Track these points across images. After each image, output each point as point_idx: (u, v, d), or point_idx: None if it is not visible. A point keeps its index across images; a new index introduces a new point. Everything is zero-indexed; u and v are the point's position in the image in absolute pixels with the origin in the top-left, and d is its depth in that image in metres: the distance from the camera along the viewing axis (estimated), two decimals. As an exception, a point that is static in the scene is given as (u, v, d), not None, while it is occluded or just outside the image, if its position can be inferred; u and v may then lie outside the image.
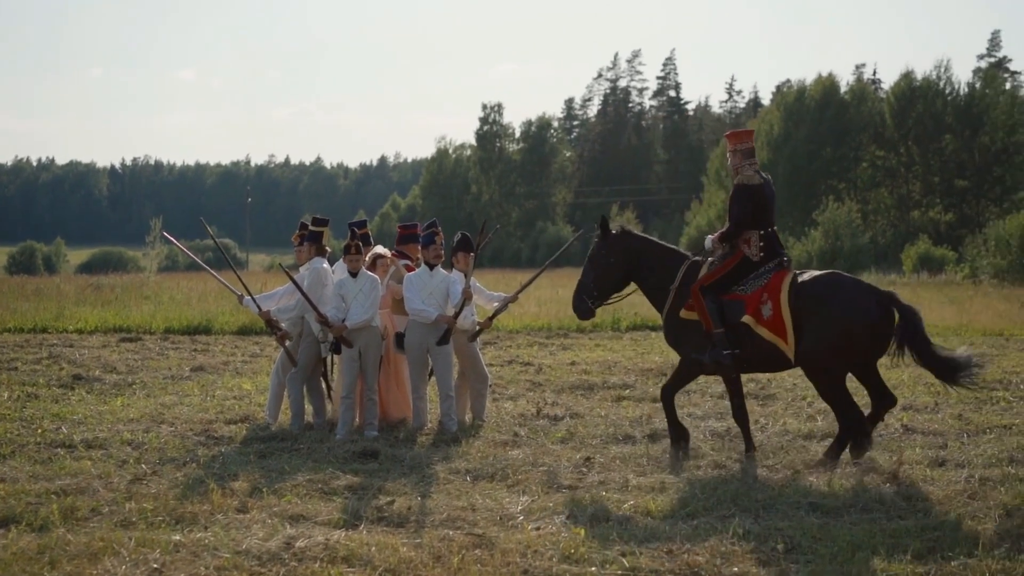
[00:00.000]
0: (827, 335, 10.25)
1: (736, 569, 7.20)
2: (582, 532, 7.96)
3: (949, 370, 10.44)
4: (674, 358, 18.89)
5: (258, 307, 12.50)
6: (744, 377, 11.42)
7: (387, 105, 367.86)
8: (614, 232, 11.65)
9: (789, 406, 13.76)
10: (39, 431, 11.95)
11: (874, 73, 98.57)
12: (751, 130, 11.60)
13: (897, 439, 11.62)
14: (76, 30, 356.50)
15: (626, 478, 9.82)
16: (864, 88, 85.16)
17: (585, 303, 11.76)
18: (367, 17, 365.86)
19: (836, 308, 10.28)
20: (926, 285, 44.85)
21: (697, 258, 11.21)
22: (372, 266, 12.66)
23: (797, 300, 10.40)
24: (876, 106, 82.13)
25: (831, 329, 10.25)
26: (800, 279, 10.58)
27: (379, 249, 13.09)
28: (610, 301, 11.96)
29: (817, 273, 10.75)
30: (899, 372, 17.05)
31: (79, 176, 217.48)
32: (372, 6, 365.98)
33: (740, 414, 11.09)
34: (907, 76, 79.34)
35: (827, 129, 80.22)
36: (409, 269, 12.99)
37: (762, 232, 10.84)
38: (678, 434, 11.06)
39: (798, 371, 15.98)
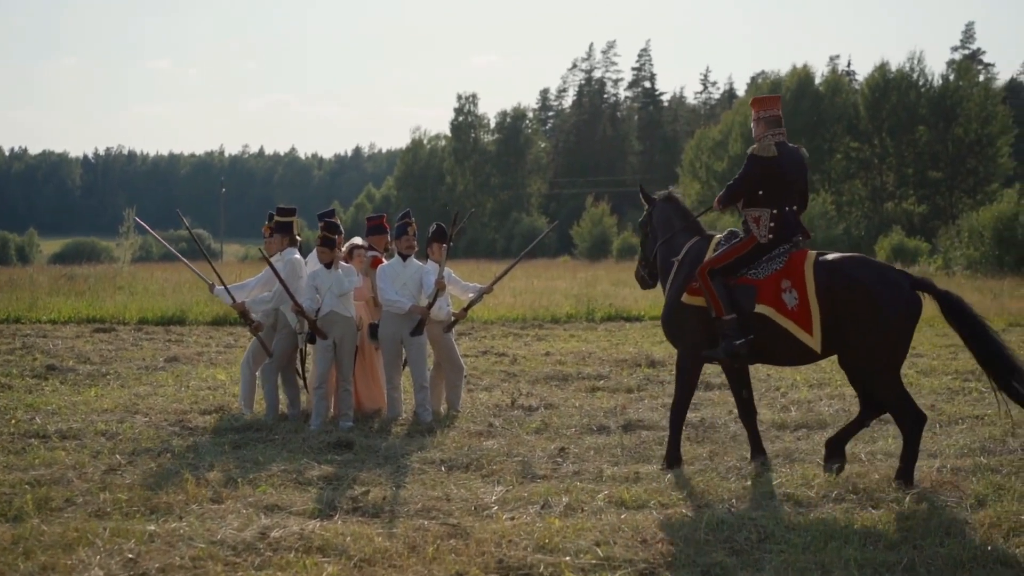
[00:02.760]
0: (880, 328, 9.30)
1: (710, 559, 7.23)
2: (556, 522, 7.98)
3: (1009, 372, 9.38)
4: (649, 348, 19.01)
5: (232, 298, 12.47)
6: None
7: (362, 96, 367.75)
8: (654, 198, 11.21)
9: (763, 396, 13.80)
10: (13, 421, 11.91)
11: (848, 65, 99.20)
12: (777, 96, 10.63)
13: (869, 430, 11.63)
14: (50, 18, 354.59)
15: (600, 468, 9.85)
16: (838, 80, 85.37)
17: (640, 273, 11.41)
18: (343, 9, 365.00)
19: (881, 297, 9.27)
20: (899, 276, 44.98)
21: (716, 236, 10.44)
22: (348, 256, 12.66)
23: (831, 290, 9.40)
24: (850, 98, 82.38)
25: (883, 321, 9.28)
26: (826, 261, 9.59)
27: (356, 240, 13.09)
28: None
29: (843, 256, 9.71)
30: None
31: (52, 166, 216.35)
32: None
33: (678, 415, 10.25)
34: (881, 68, 79.63)
35: (801, 121, 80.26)
36: (376, 261, 12.98)
37: (774, 211, 9.88)
38: (675, 459, 10.09)
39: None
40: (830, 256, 9.65)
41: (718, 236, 10.43)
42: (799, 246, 9.93)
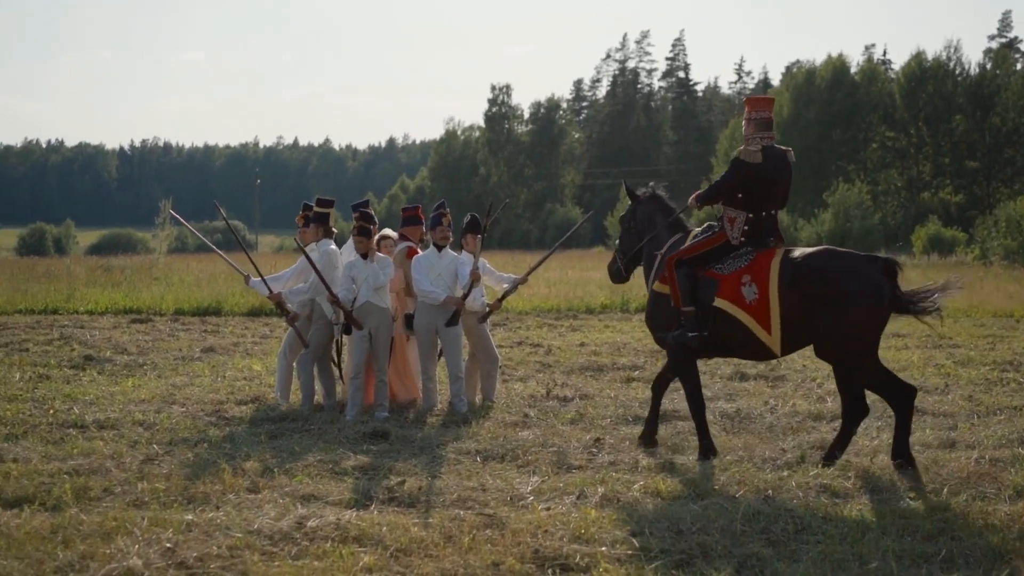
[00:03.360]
0: (849, 315, 9.33)
1: (746, 550, 7.21)
2: (592, 513, 7.98)
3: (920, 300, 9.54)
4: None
5: (268, 289, 12.52)
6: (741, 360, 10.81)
7: (396, 87, 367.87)
8: (638, 195, 11.33)
9: (799, 387, 13.76)
10: (51, 412, 11.98)
11: (884, 54, 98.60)
12: (771, 98, 10.64)
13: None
14: (85, 12, 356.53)
15: (636, 459, 9.84)
16: (874, 69, 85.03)
17: (614, 266, 11.61)
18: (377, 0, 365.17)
19: (848, 284, 9.32)
20: (936, 267, 44.75)
21: (694, 230, 10.61)
22: (377, 247, 12.68)
23: (794, 286, 9.48)
24: (886, 87, 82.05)
25: (850, 310, 9.32)
26: (792, 258, 9.64)
27: (386, 231, 13.10)
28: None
29: (809, 250, 9.76)
30: (908, 353, 17.10)
31: (88, 158, 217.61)
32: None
33: (696, 405, 10.29)
34: (917, 57, 79.25)
35: (837, 110, 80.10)
36: (411, 252, 12.99)
37: (750, 215, 9.97)
38: (709, 449, 10.03)
39: (807, 351, 16.00)
40: (796, 252, 9.74)
41: (696, 230, 10.61)
42: (769, 247, 9.99)
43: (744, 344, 9.87)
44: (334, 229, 12.94)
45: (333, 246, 12.69)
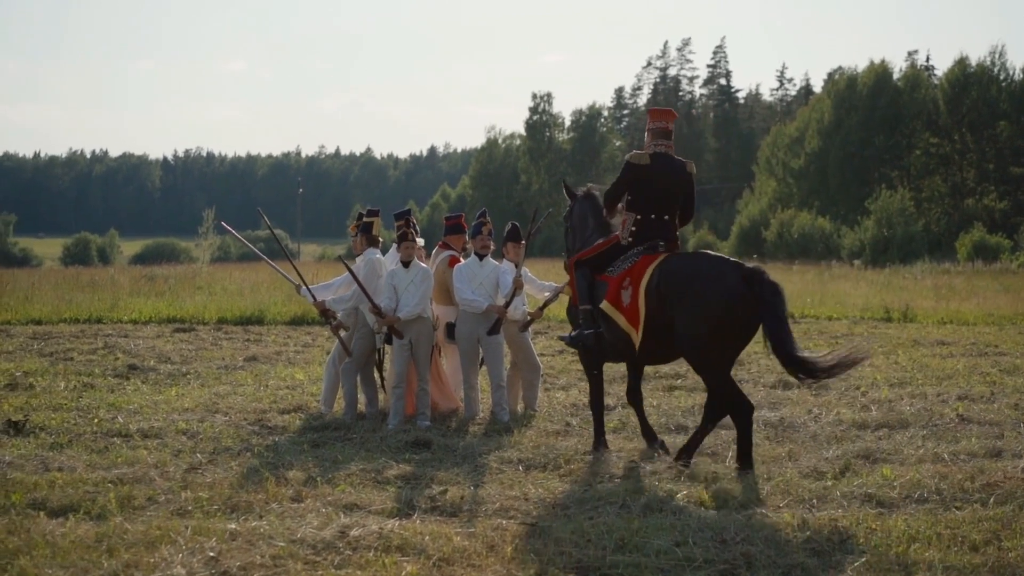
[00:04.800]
0: (698, 317, 9.51)
1: (790, 560, 7.16)
2: (635, 522, 7.95)
3: (792, 363, 9.57)
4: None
5: (313, 297, 12.56)
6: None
7: (437, 95, 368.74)
8: (576, 193, 11.44)
9: (843, 396, 13.67)
10: (95, 420, 12.06)
11: (927, 59, 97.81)
12: (670, 110, 10.86)
13: (952, 429, 11.51)
14: (127, 22, 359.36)
15: (679, 468, 9.79)
16: (917, 75, 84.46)
17: (565, 264, 11.51)
18: (416, 7, 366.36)
19: (701, 286, 9.51)
20: (981, 273, 44.46)
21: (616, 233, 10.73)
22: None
23: (659, 287, 9.75)
24: (929, 93, 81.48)
25: (701, 310, 9.49)
26: (664, 261, 9.92)
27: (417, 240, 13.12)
28: None
29: (684, 254, 10.30)
30: (953, 362, 16.96)
31: (132, 168, 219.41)
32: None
33: (596, 403, 10.90)
34: (961, 62, 78.69)
35: (879, 116, 79.63)
36: (453, 261, 13.00)
37: (639, 217, 10.32)
38: (600, 443, 10.75)
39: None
40: (674, 256, 10.06)
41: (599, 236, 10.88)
42: (658, 249, 10.20)
43: (627, 346, 10.18)
44: (379, 238, 12.97)
45: (379, 255, 12.72)
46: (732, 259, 9.87)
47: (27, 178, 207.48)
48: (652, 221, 10.31)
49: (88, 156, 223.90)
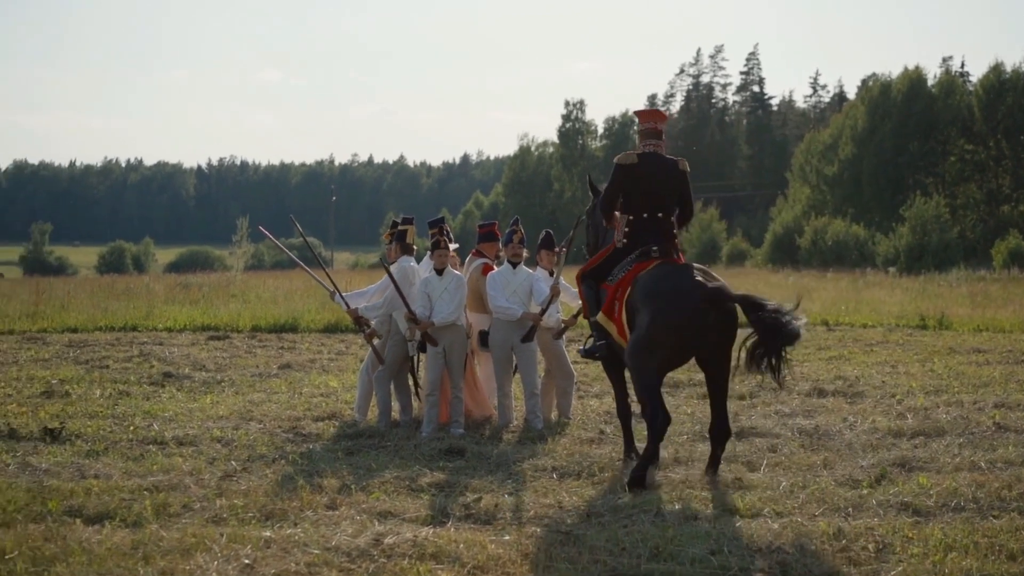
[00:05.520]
0: (642, 328, 9.40)
1: (826, 569, 7.13)
2: (670, 530, 7.92)
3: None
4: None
5: (347, 304, 12.59)
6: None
7: (469, 103, 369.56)
8: (599, 189, 11.30)
9: (878, 403, 13.59)
10: (131, 428, 12.12)
11: (962, 66, 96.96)
12: (657, 110, 10.79)
13: (989, 437, 11.42)
14: (161, 32, 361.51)
15: (713, 476, 9.76)
16: (952, 81, 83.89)
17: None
18: (448, 16, 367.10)
19: (654, 301, 9.35)
20: (1017, 280, 44.12)
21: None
22: None
23: (630, 299, 9.73)
24: (964, 99, 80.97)
25: (647, 323, 9.34)
26: (644, 273, 9.77)
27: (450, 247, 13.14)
28: None
29: (665, 264, 9.89)
30: (989, 369, 16.84)
31: (167, 176, 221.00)
32: (453, 5, 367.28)
33: (622, 409, 10.84)
34: (996, 68, 78.19)
35: (914, 123, 79.20)
36: (487, 268, 13.01)
37: (631, 217, 10.23)
38: (630, 448, 10.67)
39: (887, 367, 15.81)
40: (653, 268, 9.82)
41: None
42: (651, 255, 10.01)
43: (622, 355, 10.02)
44: (413, 246, 12.99)
45: (413, 263, 12.74)
46: (697, 278, 9.49)
47: (63, 187, 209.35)
48: (645, 221, 10.19)
49: (123, 165, 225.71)
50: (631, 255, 10.13)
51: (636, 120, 10.62)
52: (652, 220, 10.19)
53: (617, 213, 10.45)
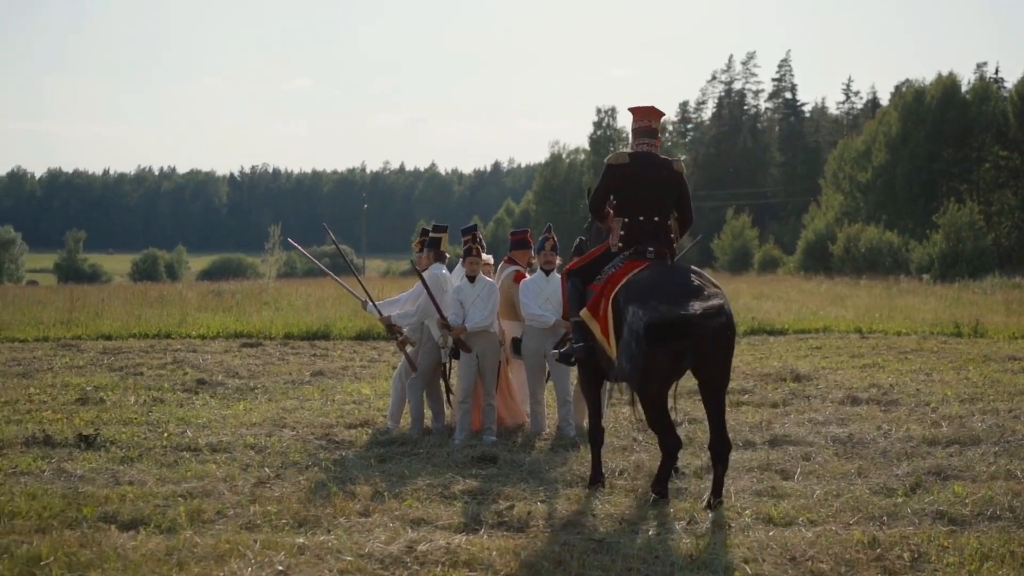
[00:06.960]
0: (625, 347, 8.98)
1: (861, 577, 7.10)
2: (704, 539, 7.90)
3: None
4: (794, 362, 18.75)
5: (379, 312, 12.61)
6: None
7: (500, 111, 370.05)
8: None
9: (912, 411, 13.52)
10: (165, 435, 12.17)
11: (996, 72, 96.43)
12: (651, 107, 10.24)
13: (1025, 445, 11.35)
14: (194, 40, 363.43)
15: (746, 484, 9.73)
16: (986, 87, 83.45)
17: None
18: (479, 23, 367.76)
19: (633, 307, 8.89)
20: (1052, 288, 43.85)
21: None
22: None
23: (617, 297, 9.25)
24: (999, 105, 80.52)
25: (626, 335, 8.94)
26: (637, 272, 9.33)
27: (486, 256, 13.14)
28: None
29: (660, 267, 9.43)
30: (1014, 377, 16.72)
31: (199, 184, 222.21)
32: (484, 12, 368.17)
33: (594, 428, 10.26)
34: (1031, 74, 77.66)
35: (948, 130, 78.82)
36: (519, 276, 13.00)
37: (626, 220, 9.85)
38: (597, 478, 9.98)
39: (921, 374, 15.72)
40: (648, 267, 9.44)
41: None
42: (644, 256, 9.71)
43: (610, 363, 9.53)
44: (446, 254, 13.01)
45: (445, 270, 12.75)
46: (693, 280, 9.11)
47: (97, 195, 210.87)
48: (640, 223, 9.82)
49: (156, 173, 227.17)
50: (624, 254, 9.78)
51: (632, 117, 10.15)
52: (648, 223, 9.84)
53: (611, 212, 10.12)
